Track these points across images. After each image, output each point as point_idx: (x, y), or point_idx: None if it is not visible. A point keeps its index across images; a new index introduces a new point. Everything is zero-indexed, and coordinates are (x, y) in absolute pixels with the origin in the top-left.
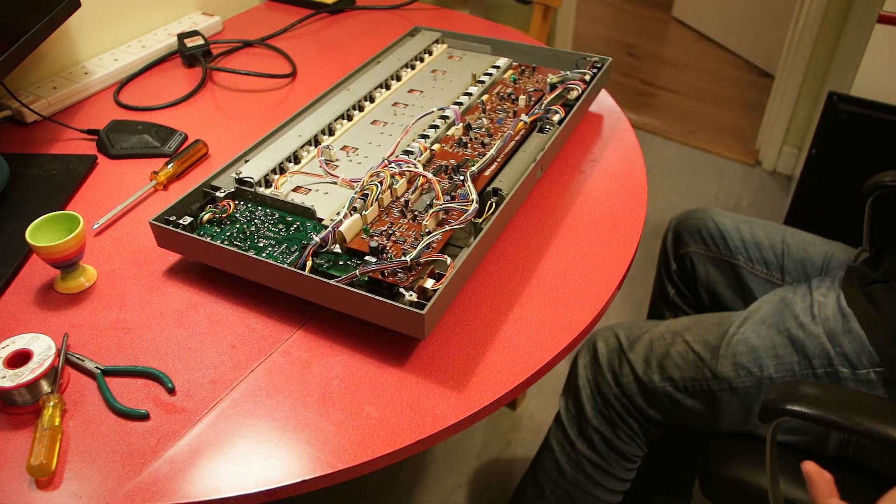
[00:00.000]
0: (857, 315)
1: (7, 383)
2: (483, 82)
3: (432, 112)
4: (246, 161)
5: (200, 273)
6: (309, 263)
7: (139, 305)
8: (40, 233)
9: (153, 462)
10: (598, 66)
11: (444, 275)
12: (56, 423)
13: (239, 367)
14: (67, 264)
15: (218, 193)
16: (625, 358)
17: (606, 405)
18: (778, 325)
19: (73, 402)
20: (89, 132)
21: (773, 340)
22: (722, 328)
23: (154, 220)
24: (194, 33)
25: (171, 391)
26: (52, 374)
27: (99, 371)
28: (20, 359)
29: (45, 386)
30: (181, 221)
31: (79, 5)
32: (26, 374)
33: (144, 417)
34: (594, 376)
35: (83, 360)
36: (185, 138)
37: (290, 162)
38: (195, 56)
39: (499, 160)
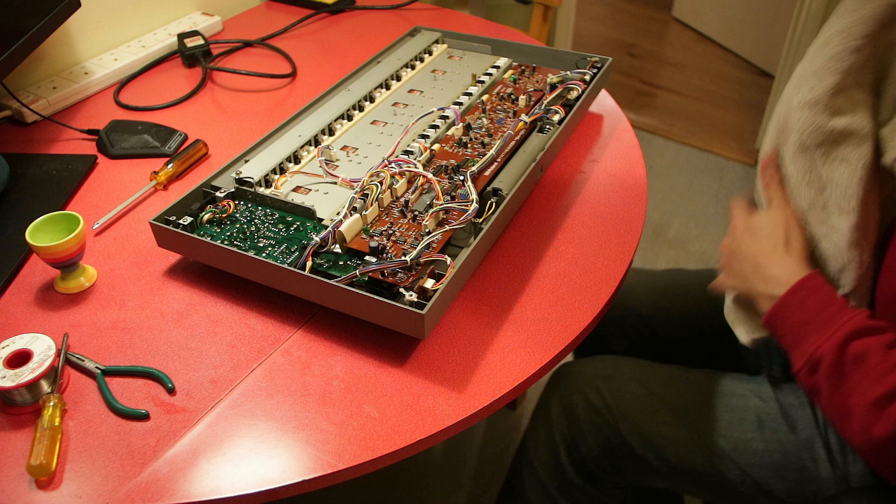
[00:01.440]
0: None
1: (7, 383)
2: (483, 82)
3: (432, 112)
4: (246, 161)
5: (200, 273)
6: (309, 263)
7: (139, 305)
8: (40, 233)
9: (153, 462)
10: (598, 66)
11: (444, 275)
12: (56, 423)
13: (239, 367)
14: (67, 264)
15: (218, 193)
16: (615, 426)
17: (586, 465)
18: (789, 452)
19: (73, 402)
20: (89, 132)
21: (786, 464)
22: (724, 420)
23: (154, 220)
24: (194, 33)
25: (171, 391)
26: (52, 374)
27: (99, 371)
28: (20, 359)
29: (45, 386)
30: (181, 221)
31: (79, 5)
32: (26, 374)
33: (144, 417)
34: (571, 432)
35: (83, 360)
36: (185, 138)
37: (290, 162)
38: (195, 56)
39: (499, 160)
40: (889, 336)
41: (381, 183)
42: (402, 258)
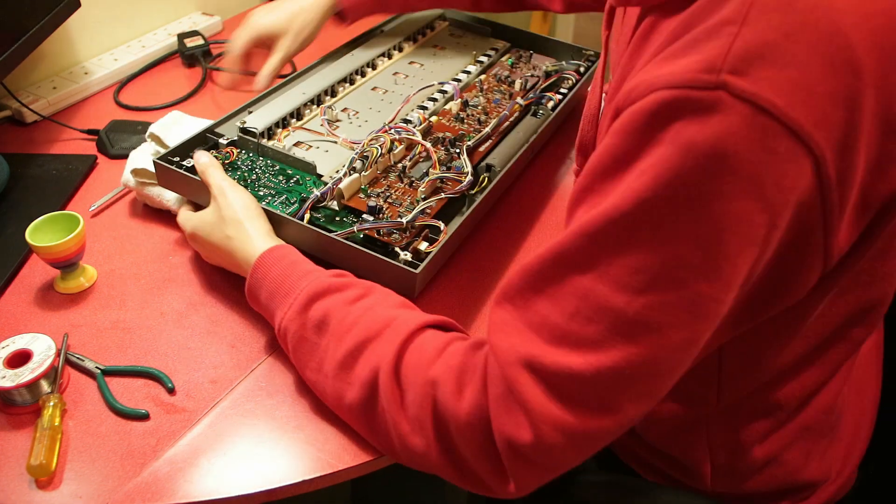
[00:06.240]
0: None
1: (7, 383)
2: (482, 62)
3: (432, 85)
4: (250, 112)
5: (200, 273)
6: (307, 216)
7: (139, 305)
8: (40, 233)
9: (153, 462)
10: (593, 58)
11: (438, 239)
12: (56, 423)
13: (239, 367)
14: (67, 264)
15: (221, 140)
16: None
17: None
18: None
19: (73, 402)
20: (89, 132)
21: None
22: None
23: (158, 159)
24: (194, 33)
25: (171, 391)
26: (52, 374)
27: (99, 371)
28: (20, 359)
29: (45, 386)
30: (184, 163)
31: (79, 5)
32: (26, 374)
33: (144, 417)
34: None
35: (83, 360)
36: None
37: (292, 118)
38: (195, 56)
39: (493, 138)
40: (351, 292)
41: (380, 146)
42: (399, 220)
